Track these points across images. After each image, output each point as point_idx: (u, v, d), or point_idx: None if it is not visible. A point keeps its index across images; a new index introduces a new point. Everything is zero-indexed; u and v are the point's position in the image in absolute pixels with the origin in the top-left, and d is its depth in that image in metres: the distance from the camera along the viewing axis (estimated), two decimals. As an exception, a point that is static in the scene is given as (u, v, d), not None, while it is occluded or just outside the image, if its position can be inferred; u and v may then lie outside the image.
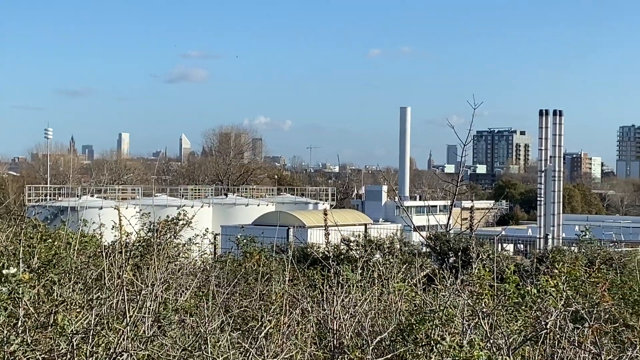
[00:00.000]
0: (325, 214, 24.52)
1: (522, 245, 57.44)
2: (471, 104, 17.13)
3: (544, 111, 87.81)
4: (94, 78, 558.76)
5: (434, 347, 7.03)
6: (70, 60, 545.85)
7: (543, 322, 7.78)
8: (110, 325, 8.34)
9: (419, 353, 6.97)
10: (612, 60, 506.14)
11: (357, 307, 10.99)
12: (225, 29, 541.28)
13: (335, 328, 10.21)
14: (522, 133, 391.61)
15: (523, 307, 8.62)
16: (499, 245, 54.51)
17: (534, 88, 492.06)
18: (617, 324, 10.44)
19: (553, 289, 8.07)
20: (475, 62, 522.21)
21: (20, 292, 7.88)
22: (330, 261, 12.82)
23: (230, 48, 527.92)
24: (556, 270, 9.07)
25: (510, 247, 55.67)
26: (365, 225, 40.42)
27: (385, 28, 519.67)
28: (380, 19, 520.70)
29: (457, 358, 6.53)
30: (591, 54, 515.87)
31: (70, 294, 9.42)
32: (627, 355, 9.04)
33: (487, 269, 11.72)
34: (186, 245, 17.80)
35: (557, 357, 9.02)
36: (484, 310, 7.99)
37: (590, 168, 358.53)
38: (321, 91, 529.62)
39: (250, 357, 8.60)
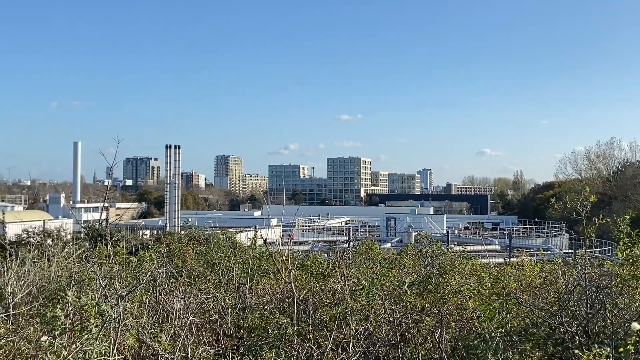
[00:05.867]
0: (4, 213, 22.45)
1: (155, 231, 57.88)
2: (116, 140, 16.53)
3: (168, 145, 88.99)
4: None
5: (59, 301, 6.65)
6: None
7: (139, 279, 7.69)
8: None
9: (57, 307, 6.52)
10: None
11: (29, 277, 10.10)
12: None
13: (9, 291, 9.31)
14: (156, 159, 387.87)
15: (135, 270, 8.47)
16: (141, 231, 53.43)
17: (162, 128, 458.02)
18: (202, 278, 10.61)
19: (149, 257, 8.05)
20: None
21: None
22: (8, 245, 11.60)
23: None
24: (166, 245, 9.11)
25: (147, 232, 55.47)
26: (44, 220, 37.28)
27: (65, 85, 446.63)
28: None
29: (85, 307, 6.26)
30: (205, 98, 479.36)
31: None
32: (207, 295, 9.27)
33: (122, 247, 11.35)
34: None
35: (162, 301, 9.00)
36: (109, 274, 7.71)
37: (198, 182, 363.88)
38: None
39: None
